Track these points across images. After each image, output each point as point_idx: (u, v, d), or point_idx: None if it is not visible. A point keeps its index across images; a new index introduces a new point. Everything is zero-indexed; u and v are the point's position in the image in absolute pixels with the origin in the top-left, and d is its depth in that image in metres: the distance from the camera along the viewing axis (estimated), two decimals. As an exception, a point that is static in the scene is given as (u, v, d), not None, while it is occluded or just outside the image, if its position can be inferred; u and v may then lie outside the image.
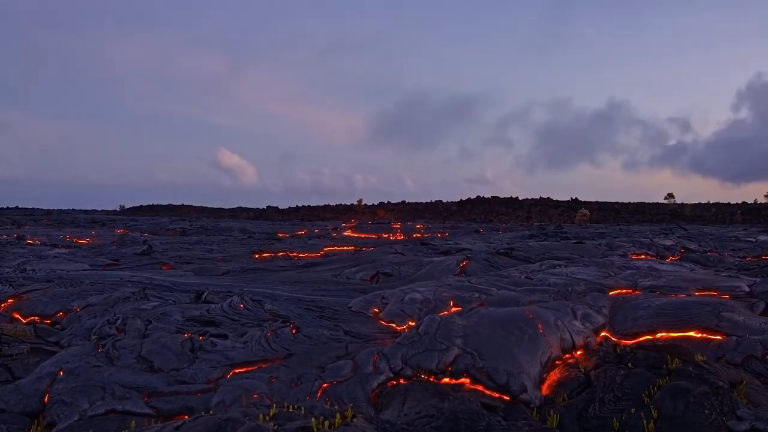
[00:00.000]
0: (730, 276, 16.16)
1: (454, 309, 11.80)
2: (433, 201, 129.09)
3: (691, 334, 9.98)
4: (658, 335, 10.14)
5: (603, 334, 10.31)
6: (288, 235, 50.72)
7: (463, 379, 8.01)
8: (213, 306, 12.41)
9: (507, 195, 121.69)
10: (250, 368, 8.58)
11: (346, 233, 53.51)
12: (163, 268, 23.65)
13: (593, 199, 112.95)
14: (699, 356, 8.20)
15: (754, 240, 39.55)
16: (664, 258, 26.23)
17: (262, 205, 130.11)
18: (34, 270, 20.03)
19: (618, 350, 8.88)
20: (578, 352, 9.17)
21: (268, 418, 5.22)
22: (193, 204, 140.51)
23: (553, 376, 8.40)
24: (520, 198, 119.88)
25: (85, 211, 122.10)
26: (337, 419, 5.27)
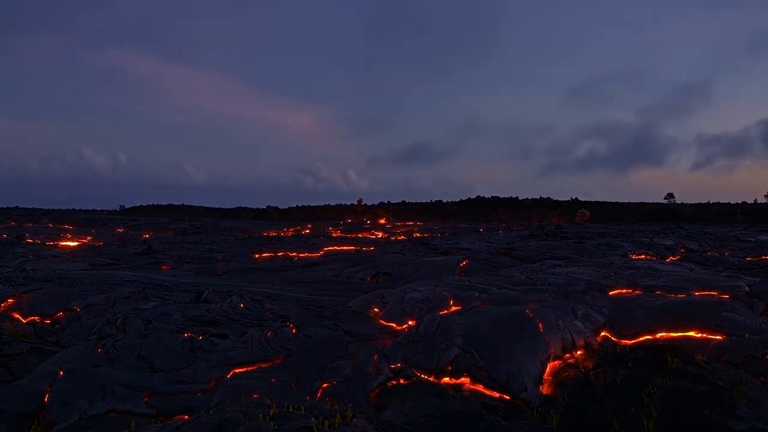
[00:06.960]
0: (730, 276, 16.14)
1: (454, 308, 11.79)
2: (433, 201, 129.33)
3: (691, 334, 9.97)
4: (658, 335, 10.13)
5: (603, 333, 10.30)
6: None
7: (463, 379, 8.01)
8: (213, 306, 12.41)
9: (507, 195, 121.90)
10: (250, 368, 8.59)
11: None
12: (163, 267, 23.65)
13: (593, 199, 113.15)
14: (699, 356, 8.20)
15: (754, 240, 39.56)
16: (664, 258, 26.22)
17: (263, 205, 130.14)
18: (34, 270, 20.03)
19: (618, 350, 8.89)
20: (578, 352, 9.17)
21: (268, 418, 5.22)
22: (194, 204, 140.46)
23: (554, 375, 8.41)
24: (520, 198, 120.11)
25: (85, 211, 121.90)
26: (337, 419, 5.26)
